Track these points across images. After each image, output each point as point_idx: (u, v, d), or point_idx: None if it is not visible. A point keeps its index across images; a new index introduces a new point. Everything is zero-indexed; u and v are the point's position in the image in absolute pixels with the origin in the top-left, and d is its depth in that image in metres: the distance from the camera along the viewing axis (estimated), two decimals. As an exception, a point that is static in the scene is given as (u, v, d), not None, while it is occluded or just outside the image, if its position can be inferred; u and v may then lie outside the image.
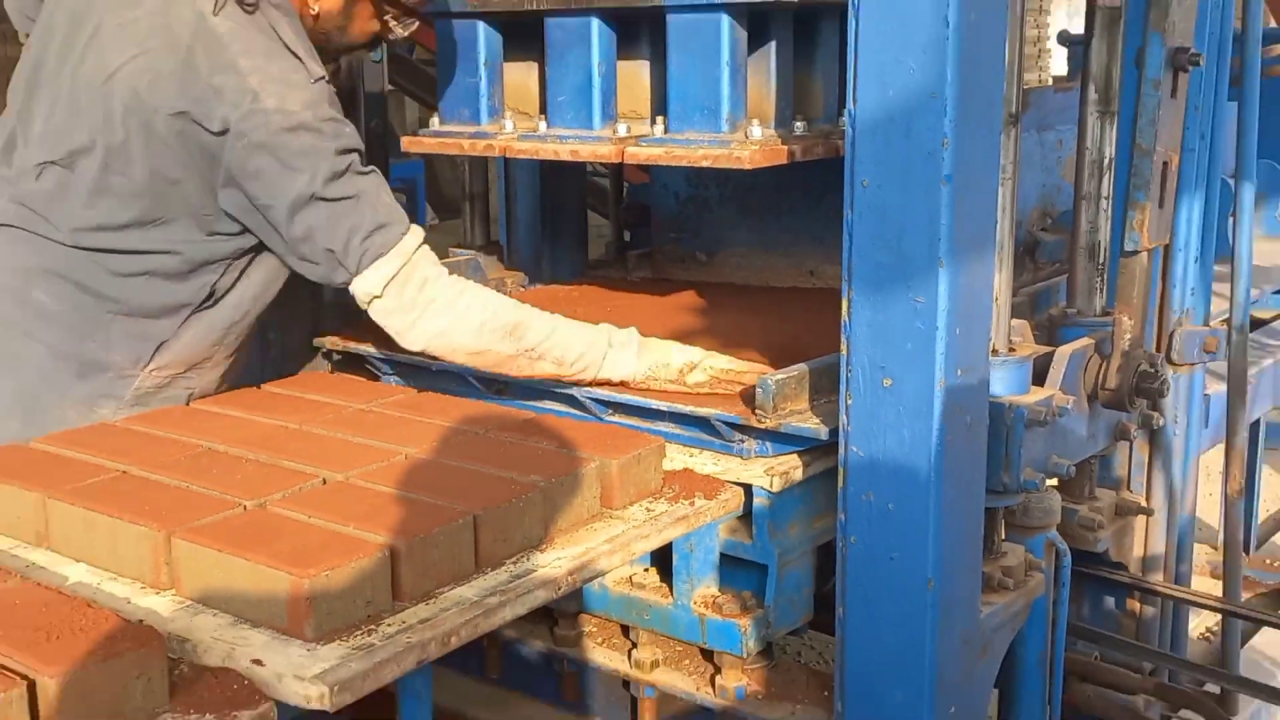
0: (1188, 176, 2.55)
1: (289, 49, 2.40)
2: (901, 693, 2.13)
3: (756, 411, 2.26)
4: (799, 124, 2.43)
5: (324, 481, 2.06)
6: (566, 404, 2.53)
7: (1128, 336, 2.42)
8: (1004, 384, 2.22)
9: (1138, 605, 2.76)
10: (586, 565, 1.96)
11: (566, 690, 2.64)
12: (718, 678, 2.39)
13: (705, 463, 2.36)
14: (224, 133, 2.32)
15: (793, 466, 2.31)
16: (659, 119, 2.44)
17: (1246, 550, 4.56)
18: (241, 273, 2.55)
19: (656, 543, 2.10)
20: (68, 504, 1.95)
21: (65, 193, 2.42)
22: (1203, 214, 2.63)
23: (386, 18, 2.53)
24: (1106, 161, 2.47)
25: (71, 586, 1.82)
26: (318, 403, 2.50)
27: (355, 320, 2.93)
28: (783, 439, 2.30)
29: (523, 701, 2.72)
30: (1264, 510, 5.21)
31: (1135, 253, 2.43)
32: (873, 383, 2.07)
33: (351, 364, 2.92)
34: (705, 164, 2.33)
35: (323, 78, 2.45)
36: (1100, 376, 2.39)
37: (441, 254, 3.34)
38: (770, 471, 2.28)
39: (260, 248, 2.51)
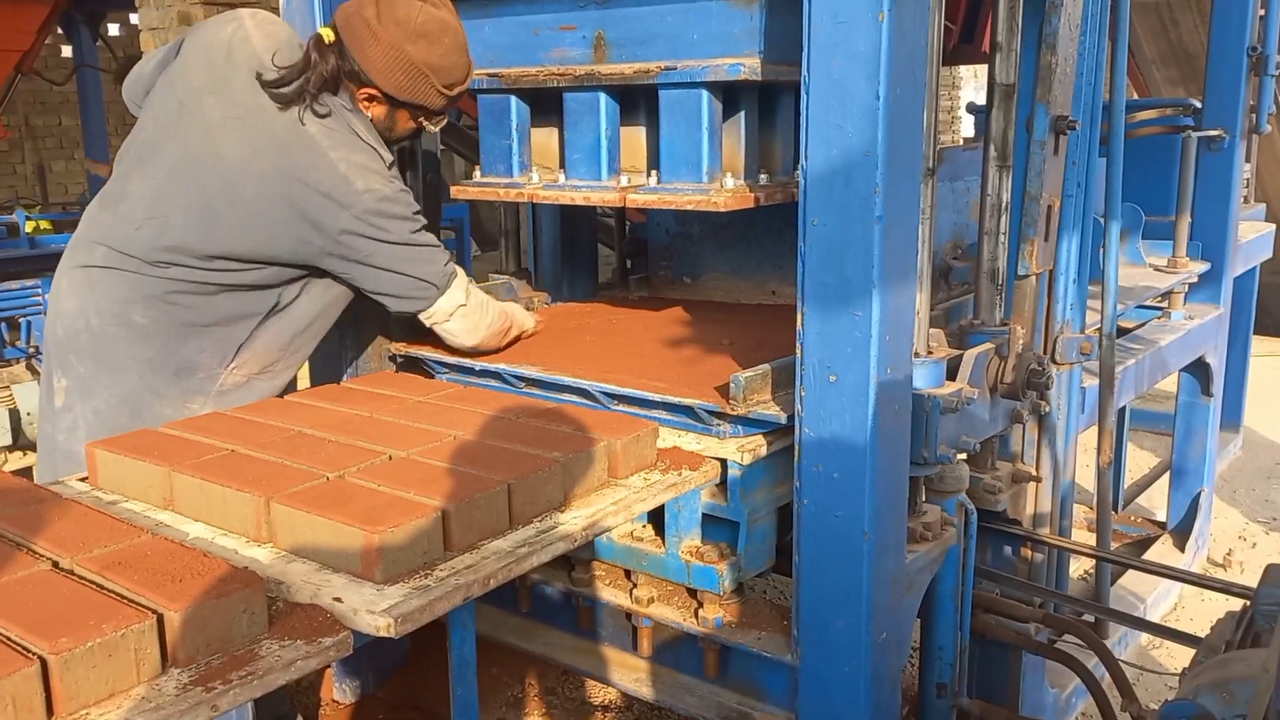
0: (1067, 217, 2.54)
1: (365, 141, 2.43)
2: (844, 620, 2.12)
3: (730, 401, 2.25)
4: (763, 176, 2.43)
5: (389, 458, 2.05)
6: (581, 396, 2.52)
7: (1021, 342, 2.42)
8: (924, 379, 2.21)
9: (1030, 553, 2.75)
10: (597, 522, 1.96)
11: (581, 621, 2.63)
12: (700, 611, 2.38)
13: (690, 442, 2.35)
14: (325, 207, 2.36)
15: (759, 445, 2.30)
16: (653, 172, 2.45)
17: (1115, 509, 4.57)
18: (302, 289, 2.55)
19: (652, 504, 2.09)
20: (188, 475, 1.94)
21: (162, 237, 2.42)
22: (1079, 246, 2.61)
23: (420, 119, 2.54)
24: (1004, 205, 2.46)
25: (191, 541, 1.81)
26: (385, 396, 2.49)
27: (414, 331, 2.95)
28: (750, 423, 2.29)
29: (547, 630, 2.70)
30: (1129, 478, 5.20)
31: (1026, 276, 2.42)
32: (821, 379, 2.06)
33: (411, 365, 2.91)
34: (689, 207, 2.34)
35: (393, 162, 2.52)
36: (1000, 373, 2.38)
37: (483, 278, 3.35)
38: (741, 449, 2.28)
39: (317, 273, 2.53)
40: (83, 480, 2.15)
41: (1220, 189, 3.91)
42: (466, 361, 2.68)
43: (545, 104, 2.64)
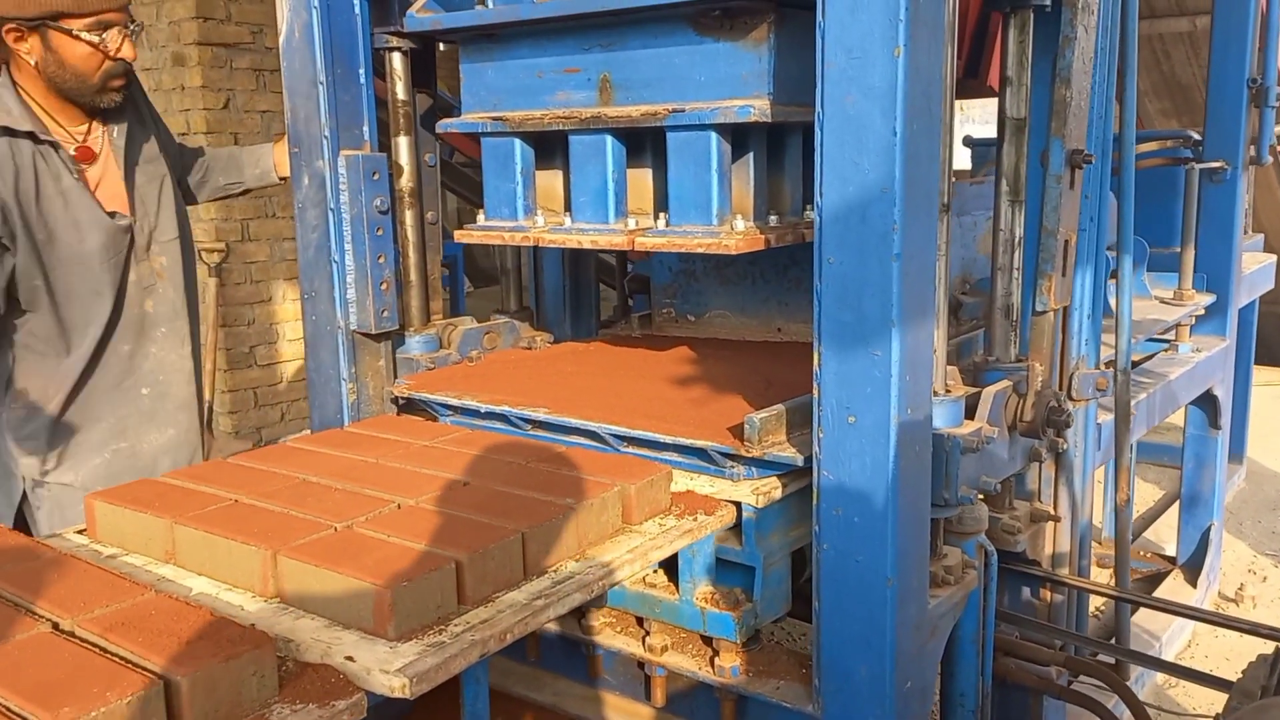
0: (1081, 251, 2.51)
1: None
2: (867, 668, 2.06)
3: (745, 443, 2.20)
4: (773, 217, 2.40)
5: (398, 506, 1.99)
6: (589, 438, 2.47)
7: (1039, 379, 2.38)
8: (943, 418, 2.17)
9: (1049, 594, 2.69)
10: (613, 571, 1.90)
11: (592, 670, 2.56)
12: (716, 659, 2.31)
13: (703, 485, 2.30)
14: None
15: (773, 487, 2.25)
16: (661, 214, 2.42)
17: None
18: None
19: (668, 551, 2.04)
20: (191, 528, 1.89)
21: None
22: (1093, 280, 2.58)
23: (91, 41, 2.43)
24: (1016, 239, 2.43)
25: (195, 596, 1.76)
26: (390, 440, 2.43)
27: (415, 372, 2.90)
28: (766, 465, 2.24)
29: (556, 679, 2.64)
30: (1134, 511, 5.16)
31: (1044, 313, 2.38)
32: (839, 420, 2.02)
33: (413, 407, 2.86)
34: (700, 250, 2.29)
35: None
36: (1019, 411, 2.34)
37: (483, 315, 3.30)
38: (756, 491, 2.22)
39: None
40: (81, 533, 2.09)
41: (1224, 221, 3.90)
42: (471, 403, 2.63)
43: (550, 146, 2.61)
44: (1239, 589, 4.39)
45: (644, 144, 2.48)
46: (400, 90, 2.84)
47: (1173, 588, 4.14)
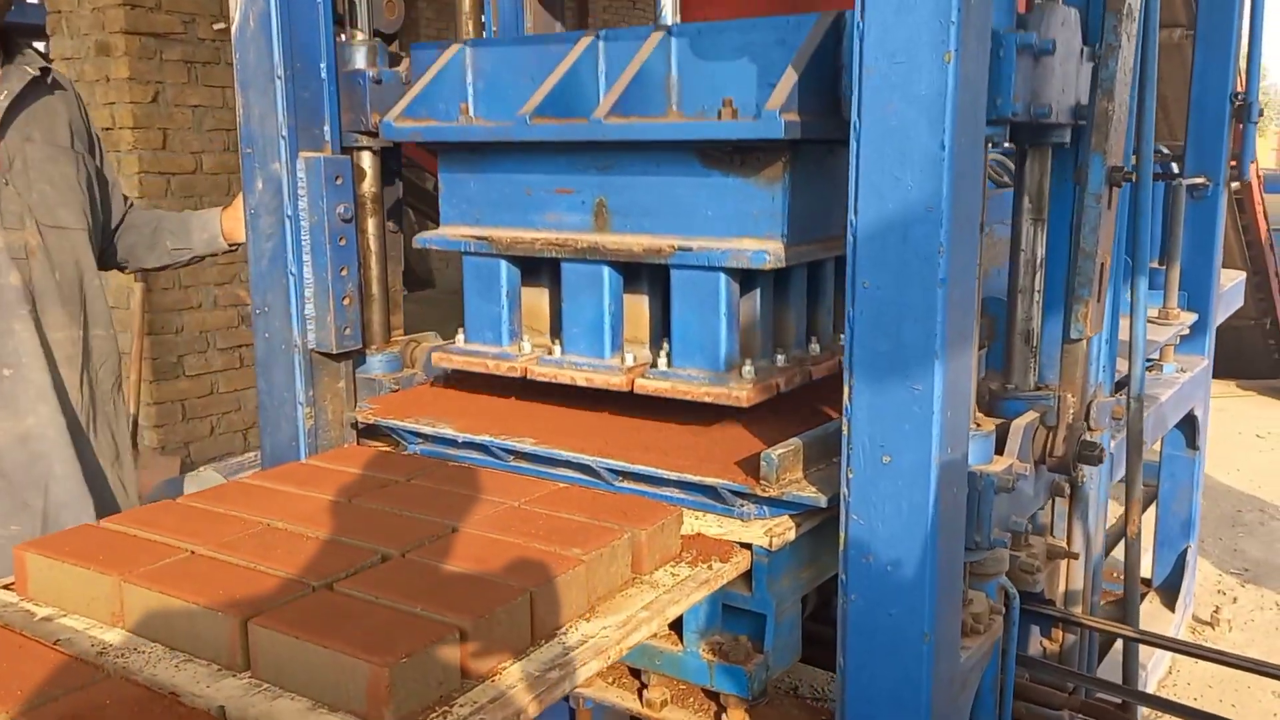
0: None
1: None
2: (899, 733, 1.89)
3: (761, 481, 2.01)
4: (779, 356, 2.26)
5: (382, 559, 1.77)
6: (582, 472, 2.26)
7: (1071, 412, 2.23)
8: (974, 455, 2.01)
9: (1062, 634, 2.55)
10: (631, 631, 1.69)
11: (580, 725, 2.36)
12: (724, 716, 2.12)
13: (709, 524, 2.10)
14: None
15: (787, 528, 2.06)
16: (662, 350, 2.27)
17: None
18: None
19: (686, 605, 1.84)
20: (144, 587, 1.64)
21: None
22: (1113, 305, 2.45)
23: None
24: (1039, 261, 2.29)
25: (153, 674, 1.51)
26: (360, 476, 2.20)
27: (378, 395, 2.66)
28: (780, 504, 2.06)
29: (538, 733, 2.42)
30: (1105, 528, 5.10)
31: (1079, 340, 2.23)
32: (873, 459, 1.84)
33: (376, 433, 2.62)
34: (708, 400, 2.14)
35: None
36: (1049, 445, 2.19)
37: (421, 323, 3.04)
38: (769, 533, 2.03)
39: None
40: (8, 588, 1.82)
41: (1205, 238, 3.83)
42: (446, 432, 2.40)
43: (535, 263, 2.43)
44: (1214, 611, 4.33)
45: (640, 271, 2.31)
46: (367, 186, 2.64)
47: (1150, 611, 4.05)
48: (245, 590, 1.62)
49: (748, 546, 2.04)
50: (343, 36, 2.57)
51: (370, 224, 2.67)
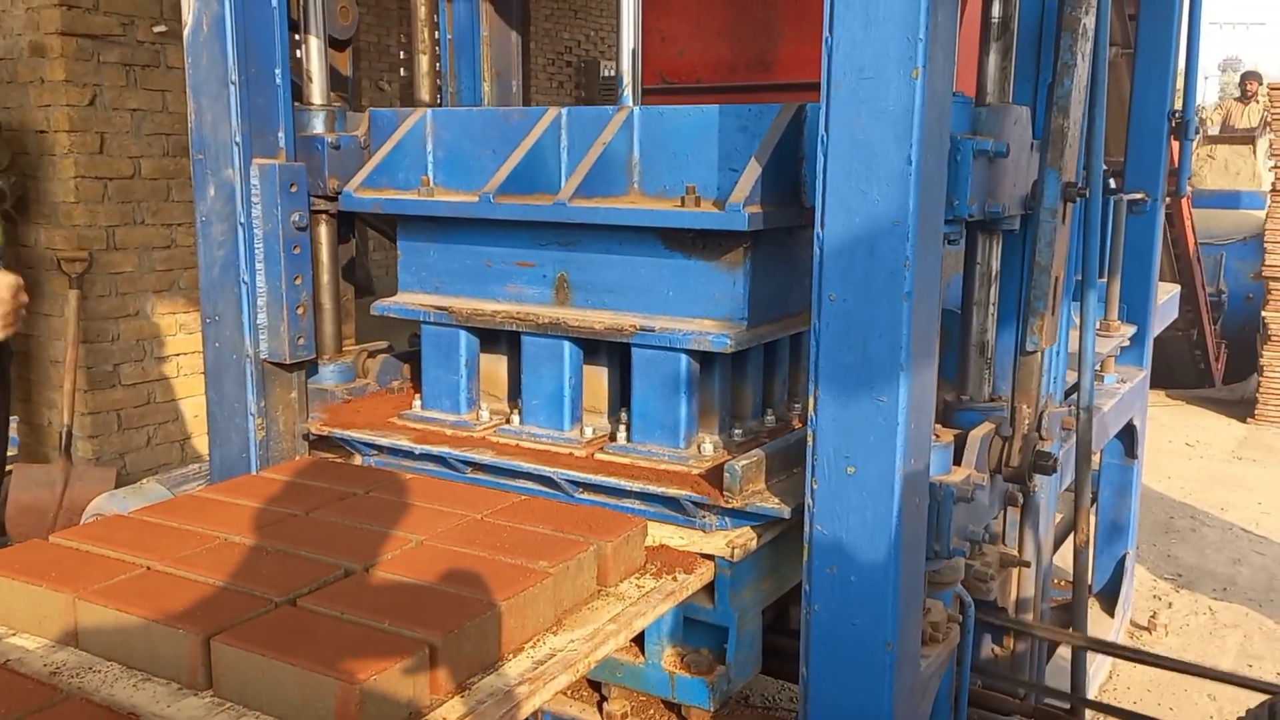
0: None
1: None
2: (863, 743, 1.89)
3: (724, 493, 2.01)
4: (736, 431, 2.28)
5: (345, 573, 1.73)
6: (540, 483, 2.24)
7: (1027, 422, 2.26)
8: (934, 466, 2.03)
9: (1012, 642, 2.58)
10: (599, 645, 1.68)
11: (538, 738, 2.33)
12: (685, 728, 2.12)
13: (670, 534, 2.10)
14: None
15: (749, 539, 2.07)
16: (621, 421, 2.28)
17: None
18: None
19: (653, 617, 1.84)
20: (99, 605, 1.59)
21: None
22: (1065, 317, 2.49)
23: None
24: (993, 274, 2.32)
25: (111, 694, 1.46)
26: (318, 489, 2.15)
27: (330, 404, 2.62)
28: (743, 515, 2.06)
29: (495, 747, 2.39)
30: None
31: (1034, 352, 2.26)
32: (837, 470, 1.85)
33: (328, 444, 2.57)
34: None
35: None
36: (1004, 456, 2.22)
37: (364, 330, 2.98)
38: (731, 544, 2.04)
39: None
40: (-48, 607, 1.75)
41: (1144, 252, 3.91)
42: (404, 444, 2.37)
43: (496, 331, 2.43)
44: (1151, 616, 4.42)
45: (599, 344, 2.33)
46: (324, 256, 2.61)
47: (1091, 617, 4.12)
48: (205, 606, 1.58)
49: (710, 557, 2.04)
50: (298, 102, 2.53)
51: (323, 232, 2.63)
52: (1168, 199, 4.32)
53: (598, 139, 2.24)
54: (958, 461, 2.14)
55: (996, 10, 2.23)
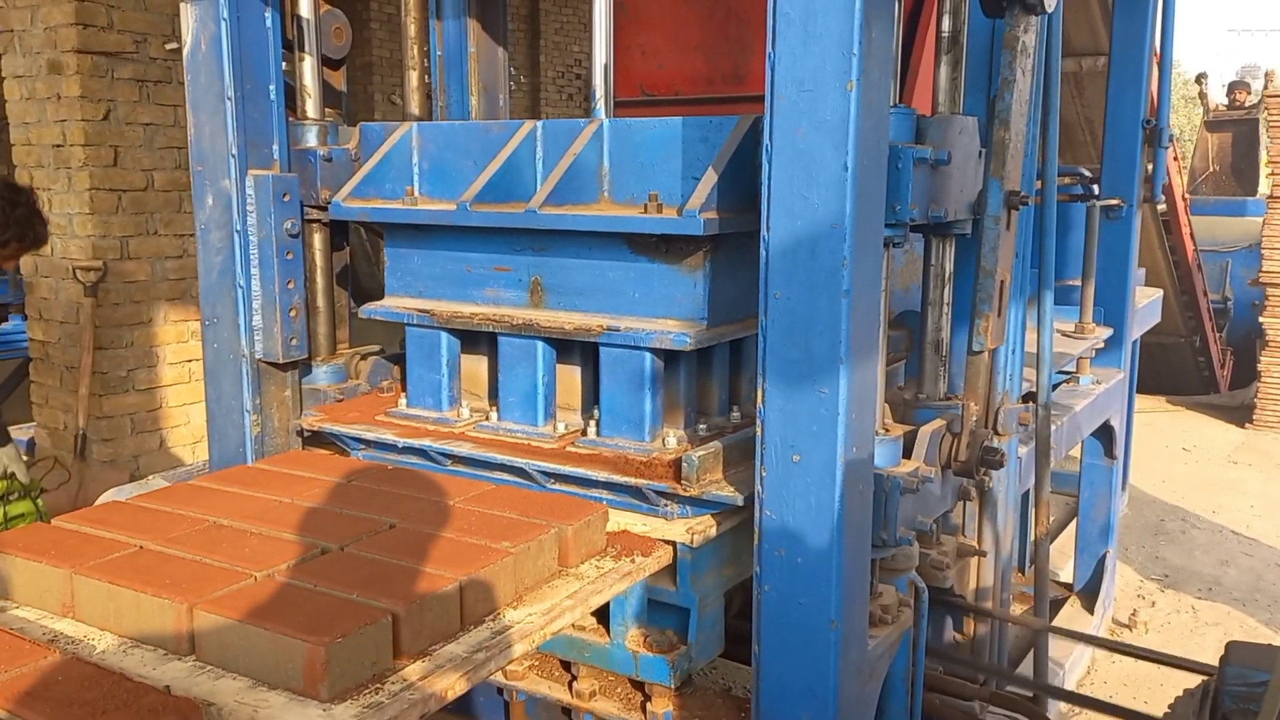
0: (1011, 289, 2.53)
1: None
2: (810, 715, 2.01)
3: (683, 482, 2.14)
4: (701, 426, 2.40)
5: (322, 552, 1.87)
6: (514, 475, 2.37)
7: (974, 419, 2.38)
8: (882, 458, 2.15)
9: (974, 627, 2.69)
10: (554, 619, 1.81)
11: (514, 717, 2.46)
12: (648, 704, 2.24)
13: (635, 522, 2.22)
14: None
15: (708, 526, 2.19)
16: (591, 419, 2.41)
17: (1022, 570, 4.60)
18: None
19: (609, 596, 1.96)
20: (94, 579, 1.72)
21: None
22: (1020, 317, 2.60)
23: None
24: (947, 275, 2.44)
25: (101, 656, 1.60)
26: (304, 478, 2.29)
27: (323, 404, 2.76)
28: (702, 504, 2.18)
29: (475, 727, 2.52)
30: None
31: (980, 352, 2.38)
32: (784, 459, 1.97)
33: (320, 440, 2.71)
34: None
35: None
36: (953, 450, 2.33)
37: (372, 339, 3.14)
38: (691, 530, 2.16)
39: None
40: (-40, 584, 1.89)
41: (1120, 256, 4.02)
42: (388, 438, 2.51)
43: (476, 332, 2.56)
44: (1132, 614, 4.51)
45: (572, 345, 2.46)
46: (318, 262, 2.77)
47: (1071, 614, 4.23)
48: (191, 581, 1.71)
49: (671, 544, 2.17)
50: (293, 115, 2.68)
51: (317, 239, 2.78)
52: (1159, 204, 4.43)
53: (569, 150, 2.38)
54: (908, 455, 2.25)
55: (946, 25, 2.37)
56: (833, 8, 1.81)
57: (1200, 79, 11.95)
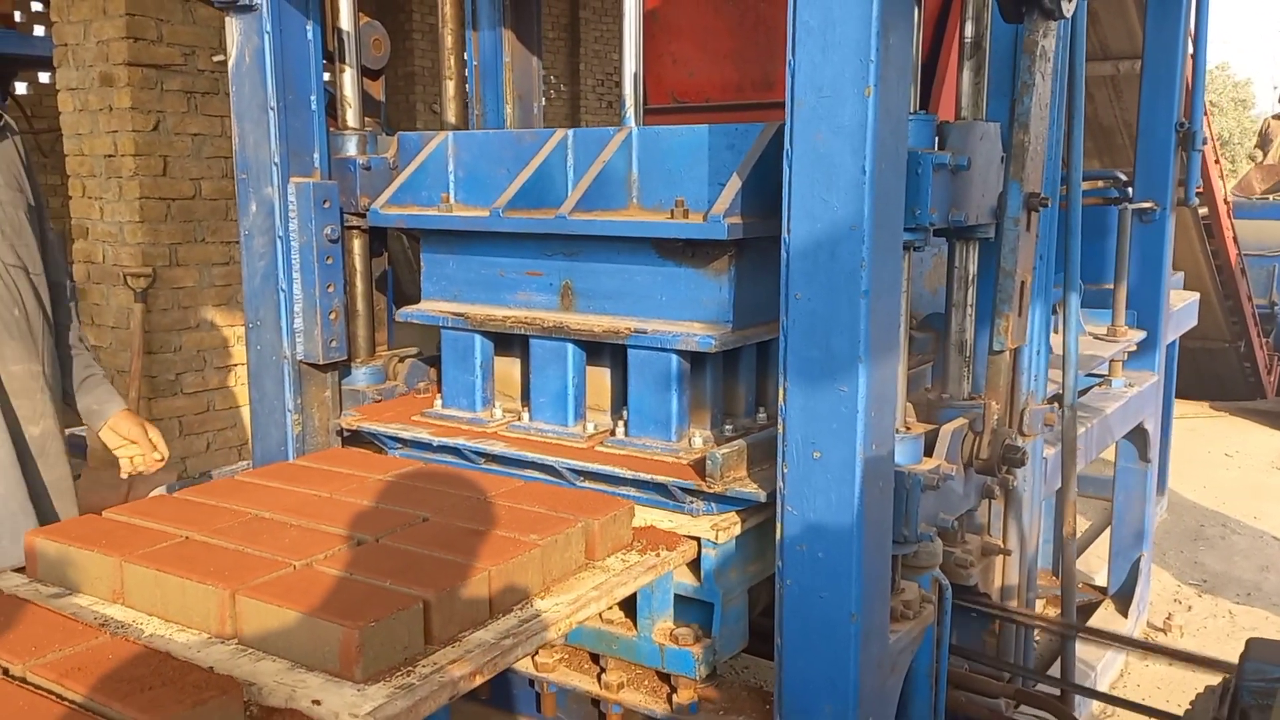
0: (1033, 290, 2.56)
1: None
2: (831, 706, 2.05)
3: (707, 479, 2.19)
4: (728, 426, 2.44)
5: (358, 543, 1.94)
6: (545, 472, 2.44)
7: (995, 418, 2.41)
8: (903, 456, 2.19)
9: (999, 627, 2.72)
10: (580, 608, 1.87)
11: (544, 708, 2.53)
12: (674, 696, 2.29)
13: (661, 519, 2.28)
14: None
15: (733, 522, 2.24)
16: (620, 420, 2.46)
17: (1055, 573, 4.60)
18: None
19: (634, 588, 2.02)
20: (142, 566, 1.81)
21: None
22: (1044, 318, 2.63)
23: None
24: (970, 277, 2.47)
25: (148, 638, 1.68)
26: (342, 474, 2.37)
27: (362, 404, 2.84)
28: (726, 500, 2.23)
29: (507, 718, 2.59)
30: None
31: (1001, 352, 2.41)
32: (805, 456, 2.02)
33: (359, 439, 2.80)
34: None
35: None
36: (975, 449, 2.37)
37: (414, 342, 3.21)
38: (716, 527, 2.22)
39: None
40: (19, 571, 1.99)
41: (1153, 259, 4.02)
42: (423, 436, 2.58)
43: (508, 335, 2.64)
44: (1167, 618, 4.49)
45: (602, 347, 2.52)
46: (358, 266, 2.84)
47: (1104, 618, 4.22)
48: (233, 569, 1.79)
49: (696, 539, 2.22)
50: (334, 125, 2.78)
51: (356, 244, 2.86)
52: (1198, 207, 4.42)
53: (599, 157, 2.44)
54: (930, 453, 2.29)
55: (970, 30, 2.41)
56: (850, 16, 1.86)
57: None
